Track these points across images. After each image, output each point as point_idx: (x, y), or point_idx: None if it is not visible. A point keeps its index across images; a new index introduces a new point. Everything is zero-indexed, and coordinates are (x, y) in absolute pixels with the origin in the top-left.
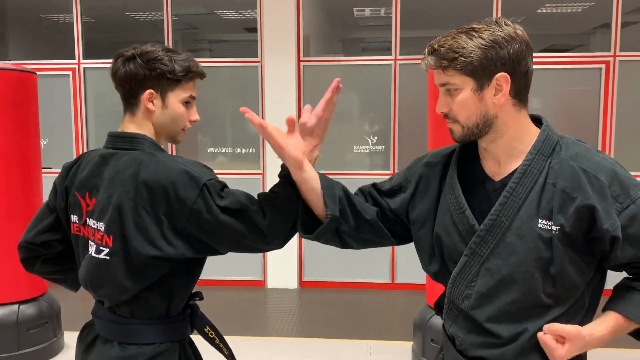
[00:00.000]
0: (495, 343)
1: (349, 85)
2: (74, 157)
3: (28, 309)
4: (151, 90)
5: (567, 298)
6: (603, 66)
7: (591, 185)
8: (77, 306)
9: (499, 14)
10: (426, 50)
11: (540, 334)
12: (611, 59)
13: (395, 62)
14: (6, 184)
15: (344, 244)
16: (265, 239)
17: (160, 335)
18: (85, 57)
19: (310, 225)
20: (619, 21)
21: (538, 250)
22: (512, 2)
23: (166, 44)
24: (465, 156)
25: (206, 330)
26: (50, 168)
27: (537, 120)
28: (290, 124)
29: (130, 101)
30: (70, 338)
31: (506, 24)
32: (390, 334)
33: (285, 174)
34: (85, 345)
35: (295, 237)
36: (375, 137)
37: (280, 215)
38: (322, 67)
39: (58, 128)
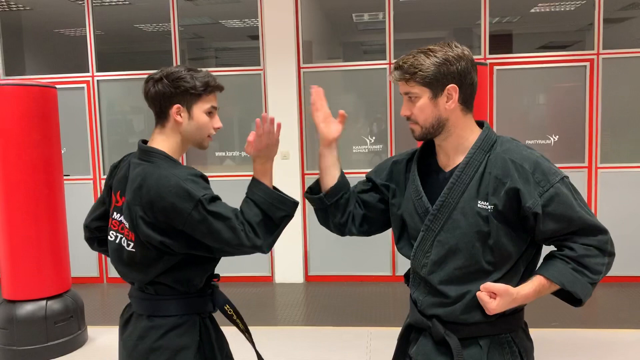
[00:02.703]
0: (445, 302)
1: (348, 89)
2: (90, 165)
3: (55, 304)
4: (178, 105)
5: (503, 265)
6: (588, 64)
7: (518, 173)
8: (98, 303)
9: (488, 14)
10: (393, 66)
11: (477, 292)
12: (595, 56)
13: (389, 66)
14: (33, 190)
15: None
16: (247, 243)
17: (181, 309)
18: (97, 69)
19: (313, 192)
20: (601, 20)
21: (478, 225)
22: (505, 2)
23: (173, 53)
24: (425, 153)
25: (225, 308)
26: (69, 175)
27: (481, 124)
28: (342, 118)
29: (160, 116)
30: (93, 332)
31: (456, 46)
32: (390, 321)
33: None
34: (124, 321)
35: (301, 235)
36: (374, 137)
37: (261, 224)
38: (322, 73)
39: (75, 137)
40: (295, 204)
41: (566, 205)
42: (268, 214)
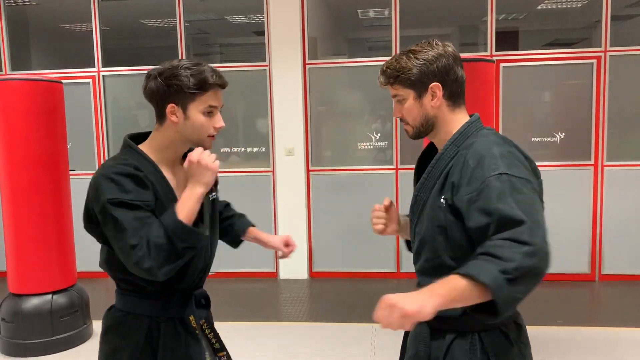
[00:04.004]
0: None
1: (353, 85)
2: (96, 160)
3: (60, 299)
4: (172, 104)
5: (464, 261)
6: (595, 61)
7: (462, 168)
8: (103, 297)
9: (494, 11)
10: (379, 71)
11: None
12: (602, 54)
13: None
14: (39, 185)
15: None
16: (133, 260)
17: (126, 307)
18: (103, 64)
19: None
20: (608, 17)
21: (438, 219)
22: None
23: (179, 48)
24: (430, 151)
25: (198, 322)
26: (74, 170)
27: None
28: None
29: (157, 114)
30: (98, 326)
31: (436, 44)
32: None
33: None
34: None
35: (305, 231)
36: (379, 134)
37: (161, 248)
38: (327, 69)
39: (80, 132)
40: (203, 237)
41: (488, 198)
42: (172, 240)
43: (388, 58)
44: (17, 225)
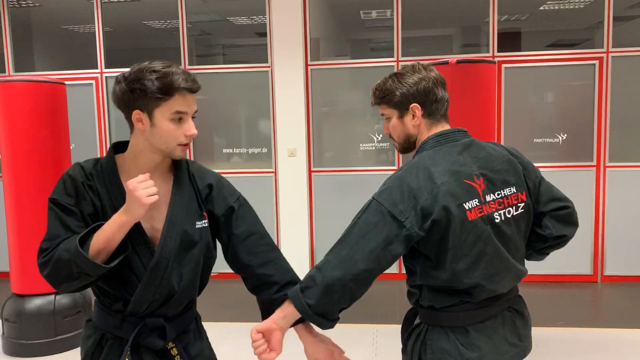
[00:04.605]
0: None
1: (355, 86)
2: None
3: (63, 299)
4: (137, 110)
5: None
6: (597, 62)
7: None
8: None
9: (496, 12)
10: (370, 91)
11: None
12: (604, 55)
13: (397, 64)
14: (41, 186)
15: None
16: (38, 261)
17: (94, 315)
18: (106, 66)
19: None
20: (611, 18)
21: None
22: (514, 0)
23: (181, 50)
24: None
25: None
26: None
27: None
28: None
29: (127, 120)
30: None
31: (419, 69)
32: (396, 318)
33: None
34: None
35: (307, 233)
36: (380, 135)
37: (60, 262)
38: (329, 70)
39: (83, 133)
40: (97, 268)
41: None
42: (73, 260)
43: (390, 59)
44: (20, 225)
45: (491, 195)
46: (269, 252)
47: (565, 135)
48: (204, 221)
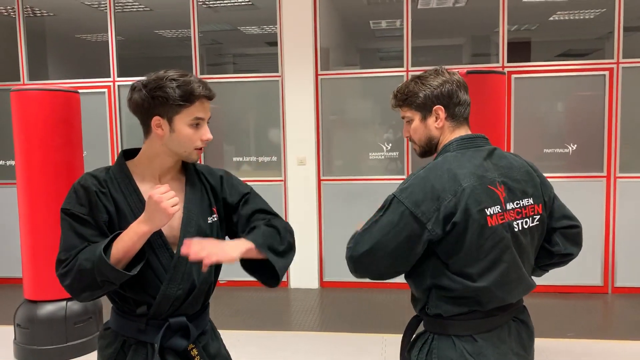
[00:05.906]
0: None
1: (365, 96)
2: None
3: (74, 305)
4: (158, 117)
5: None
6: (607, 73)
7: None
8: None
9: (506, 22)
10: (391, 95)
11: None
12: (615, 65)
13: (407, 73)
14: (55, 192)
15: None
16: (57, 272)
17: (112, 322)
18: (118, 74)
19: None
20: (621, 28)
21: None
22: (524, 10)
23: (193, 59)
24: None
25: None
26: None
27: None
28: None
29: (143, 127)
30: None
31: (442, 73)
32: (405, 327)
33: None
34: None
35: (316, 241)
36: (390, 144)
37: (84, 272)
38: (339, 80)
39: (95, 141)
40: (121, 275)
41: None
42: (95, 269)
43: (400, 69)
44: (34, 232)
45: (511, 204)
46: (264, 223)
47: (576, 145)
48: (214, 216)
